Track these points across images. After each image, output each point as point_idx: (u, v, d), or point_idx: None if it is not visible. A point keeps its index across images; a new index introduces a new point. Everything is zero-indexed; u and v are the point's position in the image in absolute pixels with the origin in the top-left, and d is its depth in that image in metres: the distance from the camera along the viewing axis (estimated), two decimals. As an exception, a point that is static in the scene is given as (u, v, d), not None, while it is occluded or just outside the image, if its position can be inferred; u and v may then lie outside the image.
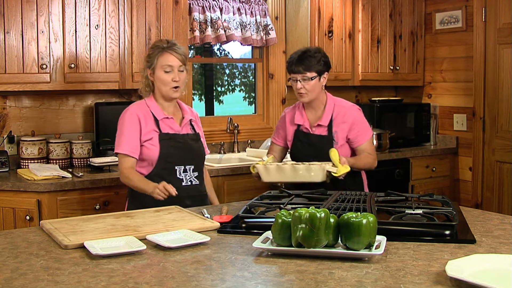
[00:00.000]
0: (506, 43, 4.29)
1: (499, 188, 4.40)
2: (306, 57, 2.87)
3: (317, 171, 2.61)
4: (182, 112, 2.81)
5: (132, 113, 2.68)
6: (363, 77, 4.57)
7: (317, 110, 2.99)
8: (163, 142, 2.66)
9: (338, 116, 2.94)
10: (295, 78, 2.88)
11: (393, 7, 4.72)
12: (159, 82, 2.68)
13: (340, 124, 2.93)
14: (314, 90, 2.90)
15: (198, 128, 2.85)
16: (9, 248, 1.84)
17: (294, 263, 1.66)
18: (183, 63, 2.70)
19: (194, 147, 2.75)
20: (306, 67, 2.86)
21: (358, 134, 2.95)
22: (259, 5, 4.36)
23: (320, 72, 2.90)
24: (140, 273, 1.60)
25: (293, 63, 2.89)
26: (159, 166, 2.66)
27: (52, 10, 3.30)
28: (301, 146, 2.98)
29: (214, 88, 4.88)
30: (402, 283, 1.49)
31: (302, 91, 2.88)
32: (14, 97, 3.58)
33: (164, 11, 3.66)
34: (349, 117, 2.94)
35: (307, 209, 1.70)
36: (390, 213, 2.14)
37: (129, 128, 2.65)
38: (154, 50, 2.70)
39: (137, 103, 2.76)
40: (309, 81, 2.87)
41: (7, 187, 3.08)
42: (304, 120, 2.99)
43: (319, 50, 2.97)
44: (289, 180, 2.68)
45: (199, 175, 2.76)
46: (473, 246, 1.83)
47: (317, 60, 2.88)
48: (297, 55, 2.90)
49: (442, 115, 4.85)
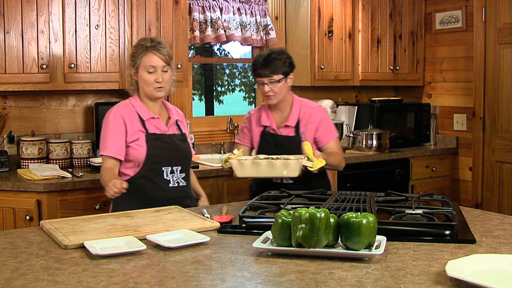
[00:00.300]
0: (506, 43, 4.29)
1: (499, 188, 4.40)
2: (272, 60, 2.86)
3: (294, 166, 2.55)
4: (168, 112, 2.76)
5: (116, 114, 2.63)
6: (363, 77, 4.57)
7: (283, 111, 2.98)
8: (150, 142, 2.61)
9: (305, 117, 2.95)
10: (262, 81, 2.87)
11: (393, 7, 4.72)
12: (142, 82, 2.64)
13: (307, 124, 2.94)
14: (281, 92, 2.90)
15: (184, 129, 2.79)
16: (9, 248, 1.84)
17: (294, 263, 1.66)
18: (167, 63, 2.64)
19: (181, 148, 2.70)
20: (272, 70, 2.85)
21: (324, 133, 2.95)
22: (259, 5, 4.36)
23: (286, 73, 2.89)
24: (140, 273, 1.60)
25: (259, 66, 2.87)
26: (145, 167, 2.60)
27: (52, 10, 3.30)
28: (268, 147, 2.94)
29: (214, 88, 4.88)
30: (402, 283, 1.49)
31: (270, 94, 2.88)
32: (14, 97, 3.58)
33: (164, 11, 3.66)
34: (316, 117, 2.95)
35: (307, 209, 1.70)
36: (390, 213, 2.14)
37: (114, 130, 2.60)
38: (137, 49, 2.65)
39: (121, 103, 2.71)
40: (277, 83, 2.86)
41: (7, 187, 3.08)
42: (271, 121, 2.98)
43: (283, 51, 2.97)
44: (265, 175, 2.62)
45: (186, 177, 2.71)
46: (473, 246, 1.83)
47: (282, 62, 2.87)
48: (262, 58, 2.88)
49: (442, 115, 4.85)
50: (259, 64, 2.87)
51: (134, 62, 2.65)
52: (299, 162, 2.54)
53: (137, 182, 2.59)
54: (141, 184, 2.60)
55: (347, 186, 4.08)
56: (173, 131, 2.71)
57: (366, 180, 4.19)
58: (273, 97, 2.89)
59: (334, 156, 2.88)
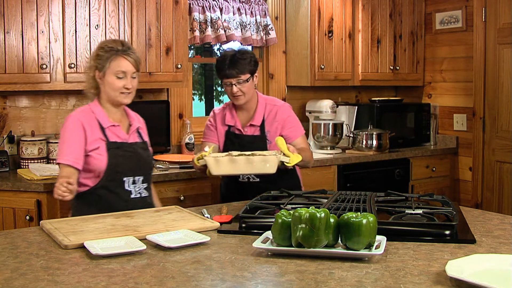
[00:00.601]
0: (506, 43, 4.29)
1: (499, 188, 4.40)
2: (238, 60, 2.83)
3: (273, 162, 2.49)
4: (129, 119, 2.64)
5: (75, 120, 2.49)
6: (363, 77, 4.57)
7: (249, 110, 2.96)
8: (111, 152, 2.48)
9: (270, 115, 2.93)
10: (230, 82, 2.84)
11: (393, 7, 4.72)
12: (109, 87, 2.50)
13: (272, 123, 2.92)
14: (249, 91, 2.88)
15: (145, 136, 2.68)
16: (9, 248, 1.84)
17: (294, 263, 1.66)
18: (136, 69, 2.53)
19: (143, 157, 2.58)
20: (239, 70, 2.82)
21: (291, 130, 2.93)
22: (259, 5, 4.36)
23: (252, 72, 2.88)
24: (140, 273, 1.60)
25: (225, 67, 2.83)
26: (106, 177, 2.46)
27: (52, 10, 3.30)
28: (233, 147, 2.87)
29: (214, 88, 4.89)
30: (402, 283, 1.49)
31: (239, 94, 2.85)
32: (14, 97, 3.58)
33: (164, 11, 3.66)
34: (281, 114, 2.93)
35: (307, 209, 1.70)
36: (390, 213, 2.14)
37: (72, 137, 2.46)
38: (106, 52, 2.50)
39: (81, 109, 2.56)
40: (245, 83, 2.85)
41: (7, 187, 3.08)
42: (235, 120, 2.96)
43: (246, 50, 2.96)
44: (242, 172, 2.58)
45: (148, 187, 2.60)
46: (473, 246, 1.83)
47: (248, 61, 2.85)
48: (228, 59, 2.84)
49: (442, 115, 4.85)
50: (226, 65, 2.83)
51: (101, 65, 2.50)
52: (278, 158, 2.50)
53: (96, 193, 2.47)
54: (101, 195, 2.47)
55: (347, 186, 4.08)
56: (134, 139, 2.59)
57: (366, 180, 4.19)
58: (242, 97, 2.87)
59: (304, 152, 2.81)
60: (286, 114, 2.95)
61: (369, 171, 4.22)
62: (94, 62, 2.54)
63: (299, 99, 4.67)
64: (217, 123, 3.01)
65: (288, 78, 4.56)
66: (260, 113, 2.94)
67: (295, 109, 4.64)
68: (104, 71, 2.50)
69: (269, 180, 2.76)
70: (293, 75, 4.50)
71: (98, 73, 2.52)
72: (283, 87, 4.58)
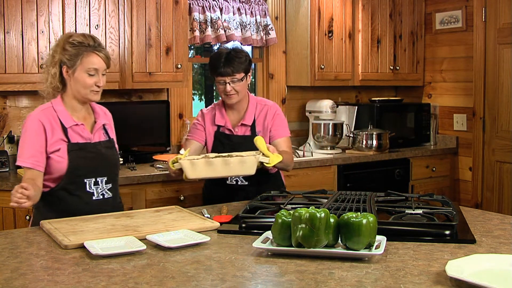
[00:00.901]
0: (506, 43, 4.29)
1: (499, 188, 4.40)
2: (233, 58, 2.78)
3: (251, 163, 2.40)
4: (94, 115, 2.51)
5: (35, 120, 2.36)
6: (363, 77, 4.57)
7: (240, 110, 2.91)
8: (72, 154, 2.35)
9: (261, 115, 2.90)
10: (224, 80, 2.79)
11: (393, 7, 4.72)
12: (80, 84, 2.36)
13: (262, 122, 2.88)
14: (243, 91, 2.84)
15: (111, 133, 2.56)
16: (9, 248, 1.84)
17: (294, 263, 1.66)
18: (107, 66, 2.42)
19: (107, 156, 2.46)
20: (235, 68, 2.77)
21: (277, 129, 2.88)
22: (259, 5, 4.36)
23: (246, 71, 2.83)
24: (140, 273, 1.60)
25: (219, 65, 2.78)
26: (66, 179, 2.35)
27: (52, 10, 3.30)
28: (223, 148, 2.83)
29: (214, 88, 4.88)
30: (402, 283, 1.49)
31: (232, 93, 2.80)
32: (14, 97, 3.58)
33: (164, 11, 3.66)
34: (271, 113, 2.89)
35: (307, 209, 1.70)
36: (390, 213, 2.14)
37: (32, 138, 2.34)
38: (76, 48, 2.35)
39: (42, 108, 2.42)
40: (239, 82, 2.80)
41: (7, 187, 3.08)
42: (226, 120, 2.90)
43: (241, 49, 2.91)
44: (220, 175, 2.46)
45: (113, 187, 2.46)
46: (473, 246, 1.83)
47: (243, 60, 2.81)
48: (223, 57, 2.79)
49: (442, 115, 4.85)
50: (221, 63, 2.78)
51: (72, 61, 2.34)
52: (256, 158, 2.41)
53: (56, 195, 2.36)
54: (62, 197, 2.37)
55: (347, 186, 4.08)
56: (99, 138, 2.46)
57: (366, 180, 4.19)
58: (235, 96, 2.81)
59: (285, 154, 2.71)
60: (275, 113, 2.91)
61: (369, 171, 4.22)
62: (60, 57, 2.37)
63: (299, 99, 4.67)
64: (206, 123, 2.94)
65: (288, 78, 4.56)
66: (251, 112, 2.90)
67: (295, 109, 4.67)
68: (74, 67, 2.35)
69: (255, 183, 2.75)
70: (293, 75, 4.50)
71: (67, 69, 2.36)
72: (283, 87, 4.58)
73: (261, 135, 2.80)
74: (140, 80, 3.61)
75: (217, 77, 2.82)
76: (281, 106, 4.57)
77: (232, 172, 2.43)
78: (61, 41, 2.40)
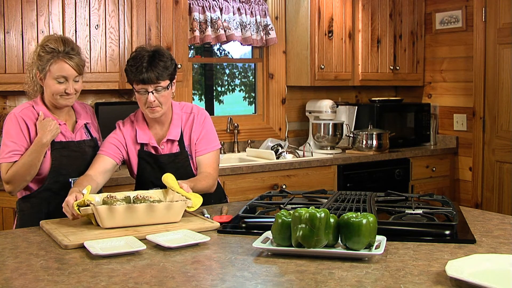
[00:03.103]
0: (506, 43, 4.29)
1: (499, 188, 4.40)
2: (157, 63, 2.32)
3: (180, 209, 2.10)
4: (75, 115, 2.47)
5: (17, 118, 2.31)
6: (363, 77, 4.57)
7: (163, 123, 2.47)
8: (55, 152, 2.33)
9: (187, 125, 2.49)
10: (145, 89, 2.32)
11: (393, 7, 4.72)
12: (49, 90, 2.33)
13: (189, 134, 2.48)
14: (168, 102, 2.40)
15: (94, 132, 2.50)
16: (9, 248, 1.84)
17: (294, 263, 1.66)
18: (79, 73, 2.33)
19: (91, 155, 2.42)
20: (159, 74, 2.31)
21: (203, 143, 2.47)
22: (259, 5, 4.36)
23: (172, 78, 2.39)
24: (140, 273, 1.60)
25: (141, 70, 2.30)
26: (50, 179, 2.33)
27: (52, 10, 3.30)
28: (151, 169, 2.46)
29: (214, 88, 4.88)
30: (402, 283, 1.49)
31: (155, 105, 2.34)
32: (14, 97, 3.58)
33: (164, 11, 3.66)
34: (198, 123, 2.49)
35: (307, 209, 1.70)
36: (390, 213, 2.14)
37: (15, 135, 2.29)
38: (47, 54, 2.29)
39: (23, 107, 2.36)
40: (164, 91, 2.34)
41: (7, 187, 3.08)
42: (149, 137, 2.45)
43: (164, 51, 2.40)
44: (142, 223, 2.05)
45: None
46: (473, 246, 1.83)
47: (168, 64, 2.35)
48: (145, 60, 2.31)
49: (442, 115, 4.85)
50: (142, 67, 2.30)
51: (42, 67, 2.31)
52: (186, 203, 2.11)
53: (40, 196, 2.34)
54: (46, 198, 2.35)
55: (347, 186, 4.08)
56: (81, 137, 2.43)
57: (366, 180, 4.19)
58: (158, 108, 2.36)
59: (202, 180, 2.36)
60: (202, 123, 2.49)
61: (369, 171, 4.22)
62: (35, 60, 2.34)
63: (299, 99, 4.67)
64: (127, 141, 2.47)
65: (288, 78, 4.56)
66: (177, 125, 2.46)
67: (295, 109, 4.67)
68: (44, 73, 2.31)
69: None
70: (293, 75, 4.50)
71: (39, 74, 2.34)
72: (283, 87, 4.58)
73: (190, 150, 2.48)
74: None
75: (137, 85, 2.34)
76: (281, 106, 4.57)
77: (156, 219, 2.06)
78: (38, 45, 2.38)
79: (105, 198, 2.12)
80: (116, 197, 2.12)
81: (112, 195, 2.13)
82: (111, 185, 3.17)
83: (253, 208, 2.25)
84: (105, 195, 2.14)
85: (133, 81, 2.36)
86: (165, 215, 2.08)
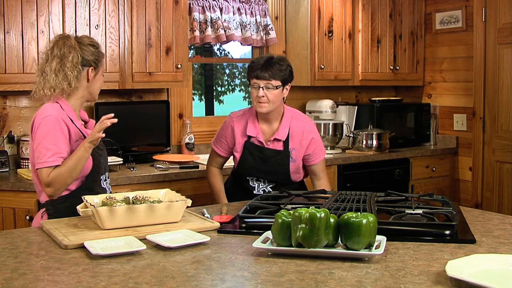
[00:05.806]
0: (506, 43, 4.29)
1: (499, 188, 4.40)
2: (273, 64, 2.69)
3: (180, 209, 2.11)
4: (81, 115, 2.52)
5: (58, 121, 2.29)
6: (363, 77, 4.57)
7: (273, 123, 2.80)
8: (93, 152, 2.35)
9: (296, 131, 2.80)
10: (258, 84, 2.69)
11: (393, 7, 4.72)
12: (98, 84, 2.45)
13: (298, 140, 2.79)
14: (276, 101, 2.72)
15: None
16: (9, 248, 1.84)
17: (294, 263, 1.66)
18: None
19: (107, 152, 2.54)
20: (272, 74, 2.67)
21: (315, 152, 2.83)
22: (259, 5, 4.36)
23: (284, 81, 2.72)
24: (140, 273, 1.60)
25: (258, 68, 2.69)
26: (90, 178, 2.37)
27: (52, 10, 3.30)
28: (253, 159, 2.77)
29: (214, 88, 4.88)
30: (402, 283, 1.49)
31: (263, 100, 2.69)
32: (14, 97, 3.58)
33: (164, 11, 3.66)
34: (309, 133, 2.81)
35: (307, 209, 1.70)
36: (390, 213, 2.14)
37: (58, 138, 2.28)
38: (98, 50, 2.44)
39: (55, 108, 2.34)
40: (273, 90, 2.69)
41: (7, 187, 3.08)
42: (258, 132, 2.78)
43: (285, 58, 2.81)
44: (141, 224, 2.05)
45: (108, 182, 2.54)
46: (473, 246, 1.83)
47: (283, 68, 2.71)
48: (263, 60, 2.71)
49: (442, 115, 4.85)
50: (259, 65, 2.70)
51: (99, 62, 2.43)
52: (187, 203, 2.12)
53: (79, 196, 2.23)
54: None
55: (347, 186, 4.08)
56: None
57: (366, 180, 4.19)
58: (266, 104, 2.71)
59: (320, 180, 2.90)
60: (314, 133, 2.83)
61: (369, 171, 4.22)
62: (90, 58, 2.39)
63: (299, 99, 4.67)
64: (236, 133, 2.83)
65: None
66: (285, 127, 2.78)
67: (295, 108, 4.66)
68: (98, 69, 2.44)
69: None
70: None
71: (92, 71, 2.40)
72: (283, 87, 4.58)
73: (294, 153, 2.77)
74: (140, 80, 3.61)
75: (253, 80, 2.72)
76: (281, 106, 4.57)
77: (156, 219, 2.07)
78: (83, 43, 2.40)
79: (104, 199, 2.12)
80: (116, 198, 2.12)
81: (111, 196, 2.14)
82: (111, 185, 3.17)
83: (253, 208, 2.25)
84: (104, 196, 2.14)
85: (250, 77, 2.74)
86: (165, 215, 2.08)
